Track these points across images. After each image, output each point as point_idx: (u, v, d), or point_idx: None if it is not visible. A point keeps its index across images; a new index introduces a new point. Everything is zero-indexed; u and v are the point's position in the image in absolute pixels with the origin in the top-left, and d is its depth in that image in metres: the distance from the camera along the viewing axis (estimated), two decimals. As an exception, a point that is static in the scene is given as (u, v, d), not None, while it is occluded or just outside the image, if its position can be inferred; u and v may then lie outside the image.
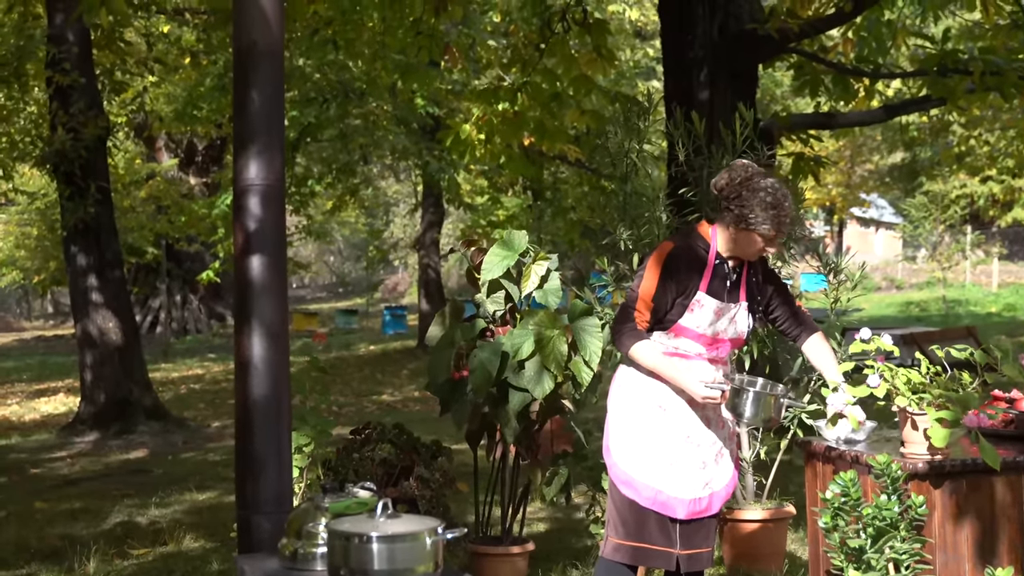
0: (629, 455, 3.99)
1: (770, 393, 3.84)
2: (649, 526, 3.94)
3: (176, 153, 29.91)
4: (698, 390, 3.83)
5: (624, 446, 4.01)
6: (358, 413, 14.33)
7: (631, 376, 4.06)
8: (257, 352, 3.83)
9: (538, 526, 7.02)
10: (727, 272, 3.97)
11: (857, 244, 38.04)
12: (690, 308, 3.91)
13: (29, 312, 49.62)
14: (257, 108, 3.89)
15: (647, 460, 3.96)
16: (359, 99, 17.00)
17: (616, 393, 4.11)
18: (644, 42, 25.20)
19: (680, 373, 3.89)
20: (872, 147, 35.75)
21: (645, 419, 3.99)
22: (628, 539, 3.96)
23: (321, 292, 52.29)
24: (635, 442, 3.99)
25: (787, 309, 4.16)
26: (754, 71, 10.21)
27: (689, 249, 3.97)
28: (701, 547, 4.02)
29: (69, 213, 12.63)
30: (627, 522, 3.97)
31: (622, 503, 3.99)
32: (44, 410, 15.80)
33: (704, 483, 3.99)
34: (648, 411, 3.99)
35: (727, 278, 3.97)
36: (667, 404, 3.97)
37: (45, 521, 7.71)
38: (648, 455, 3.96)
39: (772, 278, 4.17)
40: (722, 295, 3.95)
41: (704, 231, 4.02)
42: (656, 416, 3.98)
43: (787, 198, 3.84)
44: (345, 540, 2.86)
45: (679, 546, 3.96)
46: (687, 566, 3.99)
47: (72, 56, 12.64)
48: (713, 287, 3.93)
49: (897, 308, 28.85)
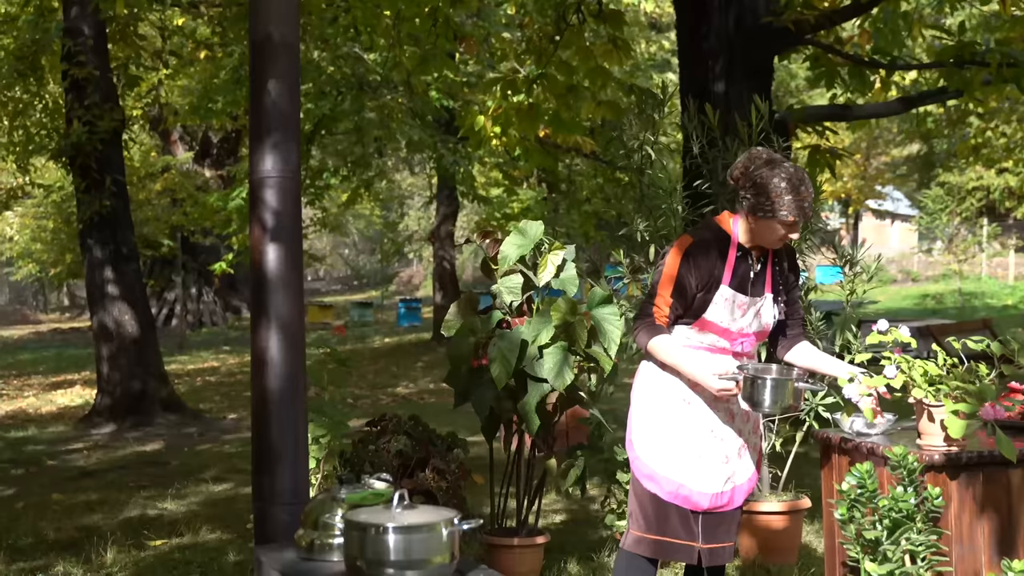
0: (652, 449, 3.98)
1: (786, 378, 3.80)
2: (671, 520, 3.94)
3: (191, 146, 30.00)
4: (712, 383, 3.81)
5: (647, 440, 4.01)
6: (373, 405, 14.36)
7: (654, 371, 4.05)
8: (273, 345, 3.84)
9: (554, 518, 7.03)
10: (750, 263, 3.94)
11: (873, 236, 37.92)
12: (713, 302, 3.88)
13: (45, 305, 49.88)
14: (273, 101, 3.89)
15: (670, 454, 3.95)
16: (374, 92, 17.00)
17: (639, 387, 4.10)
18: (659, 34, 25.17)
19: (694, 367, 3.87)
20: (888, 139, 35.62)
21: (669, 413, 3.98)
22: (650, 532, 3.96)
23: (336, 284, 52.41)
24: (659, 436, 3.98)
25: (794, 307, 4.12)
26: (769, 63, 10.19)
27: (709, 242, 3.92)
28: (724, 541, 4.00)
29: (85, 206, 12.68)
30: (648, 516, 3.97)
31: (644, 496, 3.99)
32: (61, 402, 15.87)
33: (726, 477, 3.98)
34: (672, 405, 3.98)
35: (751, 270, 3.94)
36: (691, 398, 3.96)
37: (62, 512, 7.75)
38: (672, 449, 3.96)
39: (795, 269, 4.14)
40: (746, 288, 3.92)
41: (724, 222, 3.97)
42: (680, 410, 3.97)
43: (805, 181, 3.78)
44: (361, 531, 2.86)
45: (701, 540, 3.95)
46: (709, 560, 3.98)
47: (87, 49, 12.67)
48: (736, 280, 3.91)
49: (913, 301, 28.76)
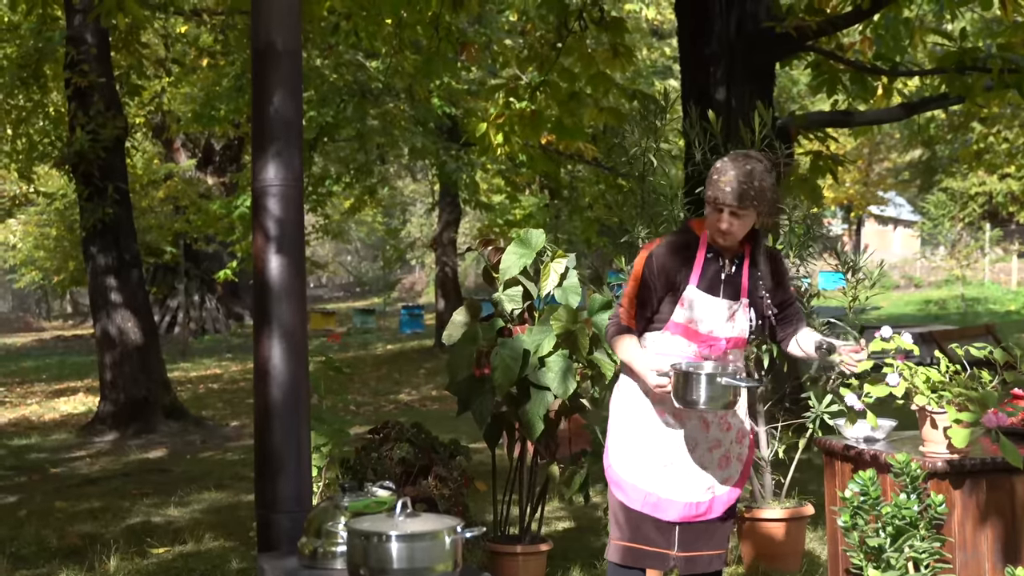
0: (621, 458, 3.97)
1: (714, 374, 3.63)
2: (644, 528, 3.90)
3: (194, 153, 30.04)
4: (650, 379, 3.72)
5: (617, 449, 3.99)
6: (376, 412, 14.36)
7: (625, 379, 4.04)
8: (276, 353, 3.84)
9: (556, 525, 7.02)
10: (722, 265, 3.86)
11: (875, 242, 37.91)
12: (680, 303, 3.84)
13: (48, 312, 49.90)
14: (275, 109, 3.90)
15: (640, 463, 3.92)
16: (376, 99, 17.03)
17: (615, 396, 4.09)
18: (661, 41, 25.18)
19: (638, 362, 3.81)
20: (890, 145, 35.64)
21: (639, 421, 3.94)
22: (623, 539, 3.94)
23: (338, 291, 52.41)
24: (628, 445, 3.96)
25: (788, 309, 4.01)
26: (771, 69, 10.21)
27: (677, 244, 3.89)
28: (703, 550, 3.94)
29: (88, 213, 12.70)
30: (620, 523, 3.96)
31: (615, 504, 3.99)
32: (64, 409, 15.87)
33: (706, 486, 3.91)
34: (642, 413, 3.94)
35: (722, 271, 3.86)
36: (663, 406, 3.90)
37: (65, 520, 7.75)
38: (641, 457, 3.92)
39: (781, 277, 4.00)
40: (716, 290, 3.84)
41: (696, 225, 3.94)
42: (650, 418, 3.92)
43: (733, 164, 3.71)
44: (364, 539, 2.87)
45: (677, 548, 3.91)
46: (685, 568, 3.95)
47: (90, 57, 12.69)
48: (705, 282, 3.84)
49: (916, 306, 28.74)
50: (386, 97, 17.02)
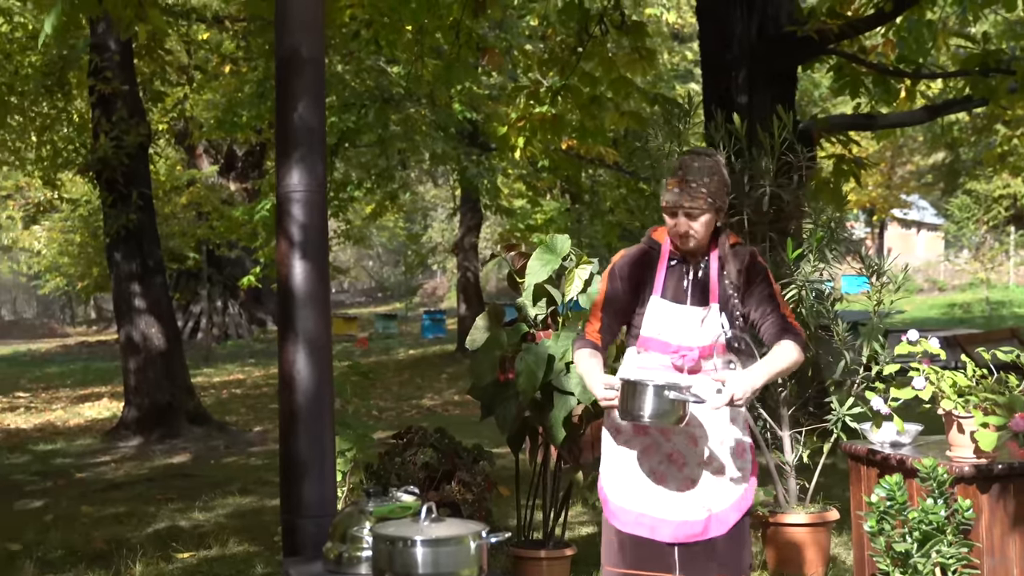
0: (612, 480, 3.76)
1: (669, 387, 3.35)
2: (641, 552, 3.65)
3: (216, 159, 30.16)
4: (597, 391, 3.52)
5: (607, 470, 3.79)
6: (398, 417, 14.37)
7: None
8: (300, 359, 3.86)
9: (580, 530, 7.01)
10: (685, 271, 3.66)
11: (899, 246, 37.73)
12: (647, 315, 3.67)
13: (73, 318, 50.23)
14: (299, 115, 3.92)
15: (629, 483, 3.71)
16: (398, 104, 17.07)
17: (605, 415, 3.85)
18: (682, 45, 25.16)
19: (588, 376, 3.61)
20: (913, 148, 35.45)
21: (626, 439, 3.73)
22: (620, 566, 3.70)
23: (360, 296, 52.54)
24: (617, 465, 3.74)
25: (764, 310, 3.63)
26: (793, 73, 10.18)
27: (639, 254, 3.73)
28: (706, 572, 3.64)
29: (112, 220, 12.77)
30: (615, 550, 3.73)
31: (609, 530, 3.77)
32: (88, 415, 15.96)
33: (701, 505, 3.64)
34: (629, 431, 3.72)
35: (684, 278, 3.66)
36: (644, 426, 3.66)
37: (91, 524, 7.79)
38: (630, 478, 3.71)
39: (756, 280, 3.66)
40: (682, 297, 3.64)
41: (658, 233, 3.77)
42: (637, 436, 3.71)
43: (681, 165, 3.55)
44: (390, 544, 2.87)
45: (678, 571, 3.64)
46: None
47: (114, 64, 12.77)
48: (669, 289, 3.66)
49: (940, 310, 28.59)
50: (407, 102, 17.06)
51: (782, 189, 6.05)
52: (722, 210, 3.59)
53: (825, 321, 5.75)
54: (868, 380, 5.39)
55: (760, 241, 6.02)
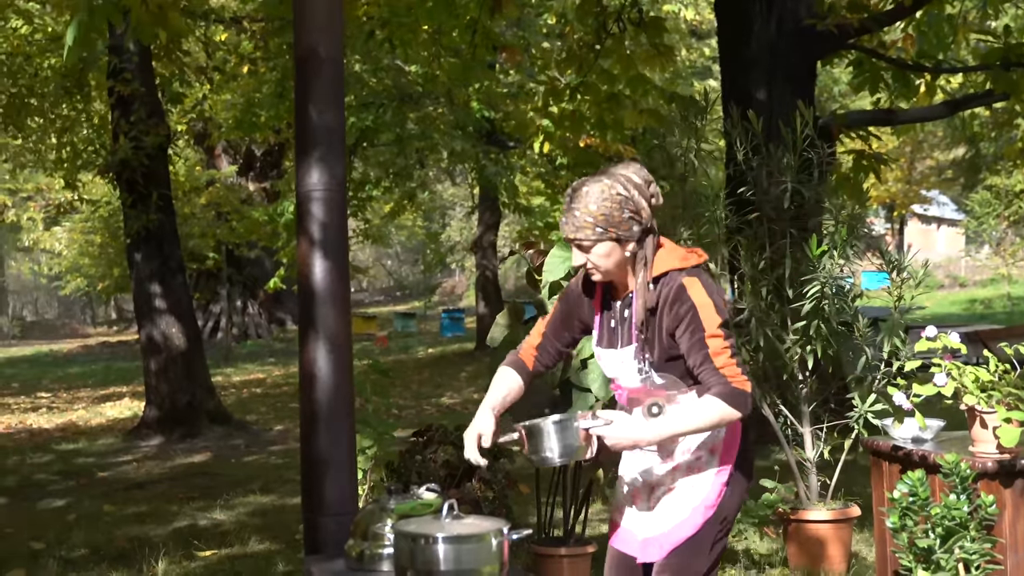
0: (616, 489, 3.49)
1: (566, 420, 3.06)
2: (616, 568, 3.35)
3: (235, 159, 30.27)
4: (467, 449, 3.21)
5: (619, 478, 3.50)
6: (418, 416, 14.39)
7: None
8: (321, 357, 3.86)
9: (600, 527, 6.99)
10: (612, 311, 3.26)
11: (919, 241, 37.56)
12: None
13: (93, 318, 50.52)
14: (318, 114, 3.92)
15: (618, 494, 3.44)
16: (416, 103, 17.09)
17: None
18: (700, 41, 25.10)
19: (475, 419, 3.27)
20: (933, 143, 35.29)
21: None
22: None
23: (379, 295, 52.64)
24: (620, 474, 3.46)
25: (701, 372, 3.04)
26: (812, 68, 10.14)
27: (583, 281, 3.33)
28: None
29: (132, 220, 12.83)
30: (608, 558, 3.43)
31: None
32: (110, 414, 16.04)
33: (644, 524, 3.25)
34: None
35: (612, 317, 3.26)
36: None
37: (113, 523, 7.83)
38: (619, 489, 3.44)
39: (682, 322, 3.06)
40: (615, 340, 3.24)
41: None
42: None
43: (571, 193, 3.12)
44: (411, 541, 2.87)
45: None
46: None
47: (133, 66, 12.83)
48: (604, 335, 3.28)
49: (961, 306, 28.46)
50: (426, 100, 17.08)
51: (802, 185, 6.03)
52: (626, 239, 3.07)
53: (846, 317, 5.73)
54: (889, 376, 5.37)
55: (780, 238, 6.00)
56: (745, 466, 3.20)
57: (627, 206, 3.04)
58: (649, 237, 3.11)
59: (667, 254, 3.12)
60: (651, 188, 3.12)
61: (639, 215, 3.06)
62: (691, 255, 3.14)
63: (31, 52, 12.93)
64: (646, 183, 3.11)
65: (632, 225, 3.05)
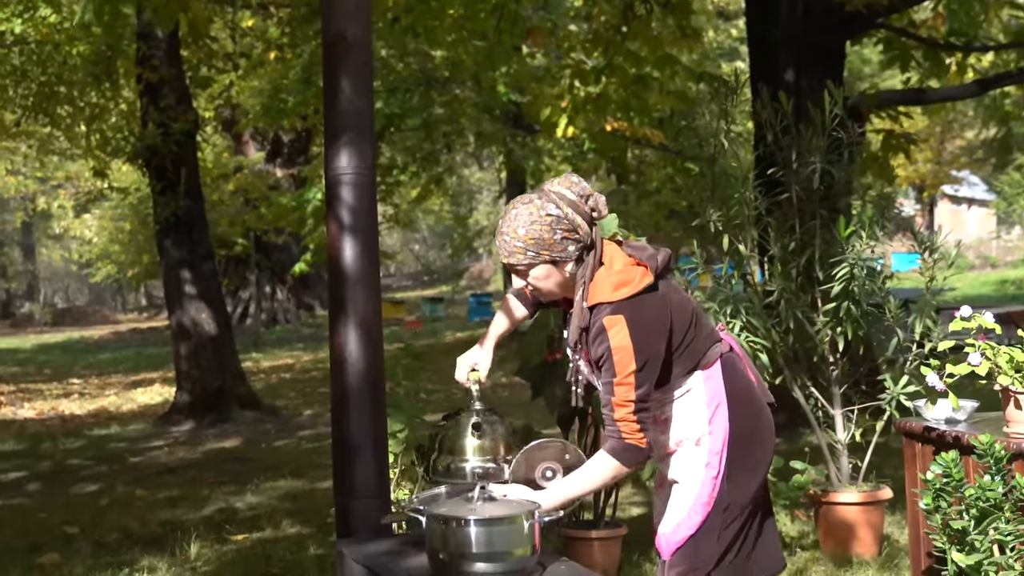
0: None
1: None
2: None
3: (262, 146, 30.36)
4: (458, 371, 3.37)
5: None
6: (447, 399, 14.40)
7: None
8: (352, 340, 3.87)
9: (631, 510, 7.00)
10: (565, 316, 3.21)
11: (949, 222, 37.29)
12: None
13: (124, 305, 50.86)
14: (347, 99, 3.92)
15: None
16: (442, 87, 17.08)
17: None
18: (727, 22, 24.96)
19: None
20: (963, 123, 34.95)
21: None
22: None
23: (407, 280, 52.73)
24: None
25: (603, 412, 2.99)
26: (841, 48, 10.06)
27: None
28: None
29: (161, 207, 12.90)
30: None
31: None
32: (141, 400, 16.16)
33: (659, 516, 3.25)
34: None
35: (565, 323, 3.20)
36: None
37: (146, 508, 7.89)
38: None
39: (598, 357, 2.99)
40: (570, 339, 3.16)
41: None
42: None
43: (504, 214, 3.00)
44: (443, 524, 2.88)
45: None
46: None
47: (161, 52, 12.88)
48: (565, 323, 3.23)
49: (992, 287, 28.25)
50: (452, 84, 17.07)
51: (832, 166, 5.99)
52: (563, 260, 2.95)
53: (877, 299, 5.69)
54: (921, 357, 5.33)
55: (810, 219, 5.97)
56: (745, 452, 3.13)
57: (559, 226, 2.91)
58: (590, 254, 2.98)
59: (603, 278, 2.97)
60: (589, 202, 2.98)
61: (575, 233, 2.93)
62: (629, 279, 2.97)
63: (60, 40, 12.99)
64: (582, 198, 2.97)
65: (567, 245, 2.93)
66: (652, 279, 2.99)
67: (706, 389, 3.12)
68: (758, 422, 3.18)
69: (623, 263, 3.01)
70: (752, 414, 3.17)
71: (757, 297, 5.91)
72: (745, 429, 3.13)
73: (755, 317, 5.69)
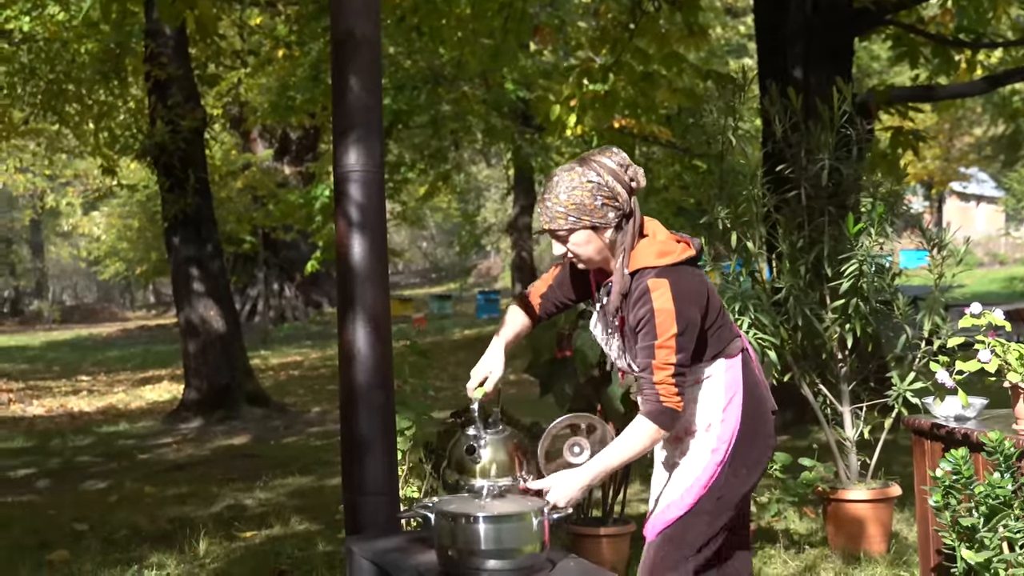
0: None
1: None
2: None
3: (271, 143, 30.39)
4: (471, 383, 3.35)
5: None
6: (455, 397, 14.42)
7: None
8: (361, 337, 3.87)
9: (639, 507, 7.00)
10: (599, 291, 3.26)
11: (958, 219, 37.21)
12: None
13: (132, 302, 50.99)
14: (355, 96, 3.92)
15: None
16: (450, 85, 17.08)
17: None
18: (735, 19, 24.93)
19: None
20: (972, 119, 34.88)
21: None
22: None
23: (414, 278, 52.77)
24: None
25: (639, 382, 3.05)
26: (850, 44, 10.05)
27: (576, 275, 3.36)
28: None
29: (170, 204, 12.92)
30: None
31: None
32: (149, 397, 16.20)
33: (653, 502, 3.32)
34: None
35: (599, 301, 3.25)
36: None
37: (155, 505, 7.90)
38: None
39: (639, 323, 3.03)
40: (606, 327, 3.23)
41: None
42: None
43: (547, 181, 3.09)
44: (452, 520, 2.89)
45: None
46: None
47: (169, 50, 12.89)
48: (596, 299, 3.29)
49: (1000, 284, 28.19)
50: (460, 82, 17.07)
51: (841, 163, 5.97)
52: (603, 226, 3.02)
53: (885, 296, 5.68)
54: (930, 354, 5.32)
55: (819, 216, 5.96)
56: (749, 447, 3.17)
57: (600, 193, 2.99)
58: (630, 222, 3.06)
59: (646, 246, 3.06)
60: (628, 172, 3.04)
61: (615, 200, 3.00)
62: (671, 250, 3.06)
63: (68, 38, 13.01)
64: (622, 167, 3.04)
65: (607, 212, 3.00)
66: (694, 253, 3.09)
67: (725, 378, 3.17)
68: (764, 422, 3.22)
69: (665, 236, 3.12)
70: (761, 413, 3.22)
71: (765, 294, 5.90)
72: (753, 425, 3.18)
73: (763, 314, 5.68)
